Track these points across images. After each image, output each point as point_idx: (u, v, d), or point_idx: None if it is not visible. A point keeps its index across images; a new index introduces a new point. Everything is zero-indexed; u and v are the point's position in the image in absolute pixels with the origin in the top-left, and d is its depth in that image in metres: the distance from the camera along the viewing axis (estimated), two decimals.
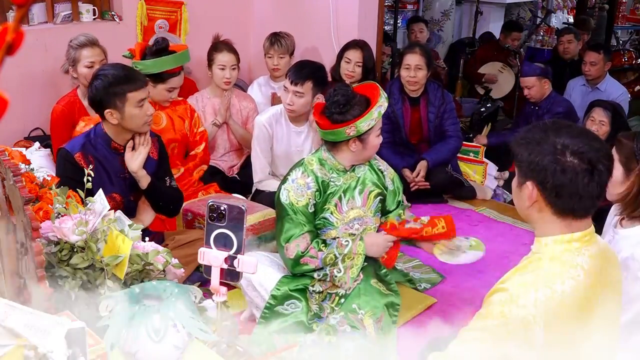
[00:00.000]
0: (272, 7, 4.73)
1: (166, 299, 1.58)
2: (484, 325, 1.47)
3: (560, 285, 1.45)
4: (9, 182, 1.61)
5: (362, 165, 2.74)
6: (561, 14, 8.42)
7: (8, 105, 0.65)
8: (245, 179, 3.82)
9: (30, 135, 3.83)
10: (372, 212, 2.75)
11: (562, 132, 1.49)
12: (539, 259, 1.52)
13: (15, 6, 0.65)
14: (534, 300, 1.42)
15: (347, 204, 2.69)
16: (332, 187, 2.67)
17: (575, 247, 1.50)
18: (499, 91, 5.99)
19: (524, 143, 1.52)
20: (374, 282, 2.66)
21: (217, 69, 3.84)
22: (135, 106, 2.59)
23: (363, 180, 2.72)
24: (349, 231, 2.70)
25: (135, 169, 2.66)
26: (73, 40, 3.45)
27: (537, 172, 1.49)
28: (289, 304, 2.61)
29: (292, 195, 2.62)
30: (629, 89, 5.64)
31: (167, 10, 4.35)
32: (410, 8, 7.08)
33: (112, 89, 2.56)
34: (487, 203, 4.21)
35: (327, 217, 2.68)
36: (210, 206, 1.72)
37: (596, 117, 3.90)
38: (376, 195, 2.74)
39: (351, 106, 2.56)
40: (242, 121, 3.99)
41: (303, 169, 2.66)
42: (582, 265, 1.48)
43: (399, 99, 4.11)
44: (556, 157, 1.46)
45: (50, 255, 1.76)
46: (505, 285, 1.49)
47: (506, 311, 1.44)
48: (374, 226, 2.77)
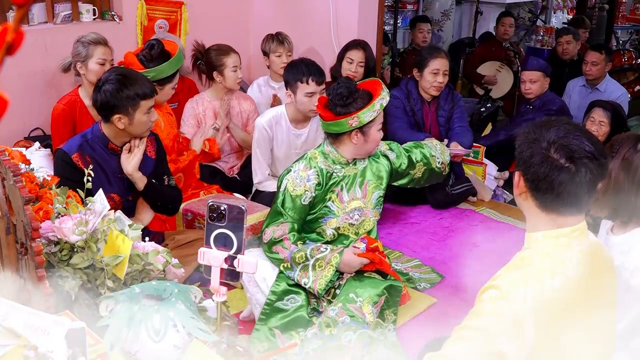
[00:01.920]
0: (272, 7, 4.73)
1: (166, 299, 1.59)
2: (476, 323, 1.48)
3: (550, 280, 1.45)
4: (9, 182, 1.61)
5: (363, 160, 2.78)
6: (561, 14, 8.42)
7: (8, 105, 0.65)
8: (245, 179, 3.82)
9: (30, 135, 3.83)
10: (372, 205, 2.79)
11: (556, 128, 1.50)
12: (529, 256, 1.53)
13: (15, 6, 0.65)
14: (523, 295, 1.43)
15: (348, 194, 2.75)
16: (335, 177, 2.73)
17: (564, 242, 1.51)
18: (499, 91, 5.99)
19: (523, 135, 1.55)
20: (367, 273, 2.67)
21: (230, 71, 3.80)
22: (145, 113, 2.62)
23: (363, 172, 2.78)
24: (348, 221, 2.76)
25: (130, 171, 2.66)
26: (83, 37, 3.44)
27: (522, 162, 1.52)
28: (288, 299, 2.63)
29: (290, 183, 2.68)
30: (629, 89, 5.64)
31: (167, 10, 4.35)
32: (410, 8, 7.08)
33: (126, 94, 2.56)
34: (487, 203, 4.21)
35: (328, 206, 2.74)
36: (210, 206, 1.72)
37: (596, 118, 3.89)
38: (375, 188, 2.79)
39: (354, 99, 2.62)
40: (243, 123, 3.99)
41: (306, 162, 2.72)
42: (571, 260, 1.49)
43: (418, 99, 4.10)
44: (540, 150, 1.48)
45: (50, 255, 1.76)
46: (496, 282, 1.50)
47: (497, 307, 1.45)
48: (374, 219, 2.82)
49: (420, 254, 3.50)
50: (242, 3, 4.76)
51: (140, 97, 2.59)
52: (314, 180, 2.68)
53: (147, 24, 4.26)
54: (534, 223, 1.56)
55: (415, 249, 3.56)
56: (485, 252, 3.42)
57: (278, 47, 4.15)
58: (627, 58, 6.34)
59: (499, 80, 6.01)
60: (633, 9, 7.89)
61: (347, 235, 2.80)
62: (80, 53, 3.42)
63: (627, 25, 7.91)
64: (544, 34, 7.13)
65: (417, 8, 7.13)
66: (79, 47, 3.43)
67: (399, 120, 4.03)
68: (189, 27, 4.43)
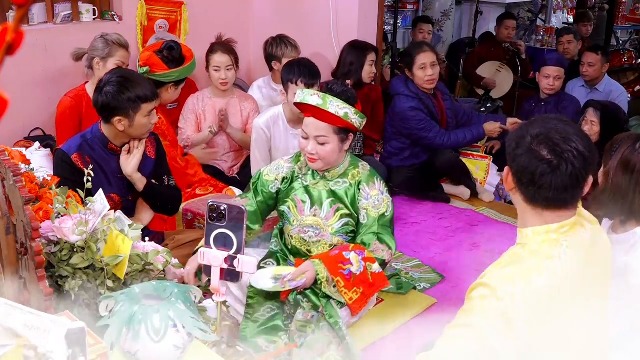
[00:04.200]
0: (272, 8, 4.73)
1: (166, 299, 1.59)
2: (466, 321, 1.48)
3: (538, 277, 1.45)
4: (9, 182, 1.61)
5: (344, 180, 2.64)
6: (561, 14, 8.42)
7: (8, 105, 0.65)
8: (245, 179, 3.81)
9: (30, 135, 3.82)
10: (333, 230, 2.63)
11: (543, 123, 1.51)
12: (519, 252, 1.54)
13: (15, 6, 0.65)
14: (512, 292, 1.43)
15: (310, 209, 2.65)
16: (298, 183, 2.68)
17: (553, 238, 1.51)
18: (499, 91, 5.99)
19: (514, 132, 1.57)
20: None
21: (213, 70, 3.85)
22: (146, 116, 2.61)
23: (334, 193, 2.62)
24: (301, 235, 2.67)
25: (130, 173, 2.66)
26: (108, 35, 3.45)
27: (509, 156, 1.54)
28: (265, 309, 2.55)
29: (267, 168, 2.74)
30: (628, 89, 5.63)
31: (167, 10, 4.35)
32: (410, 8, 7.07)
33: (127, 97, 2.56)
34: (487, 203, 4.21)
35: (283, 211, 2.69)
36: (210, 206, 1.73)
37: (588, 118, 3.91)
38: (342, 216, 2.62)
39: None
40: (243, 122, 3.99)
41: (293, 157, 2.74)
42: (560, 256, 1.48)
43: (425, 95, 4.16)
44: (525, 143, 1.48)
45: (50, 255, 1.76)
46: (484, 279, 1.50)
47: (487, 305, 1.45)
48: (330, 244, 2.64)
49: (420, 254, 3.50)
50: (242, 3, 4.76)
51: (141, 100, 2.58)
52: (283, 173, 2.69)
53: (147, 24, 4.26)
54: (524, 218, 1.57)
55: (415, 249, 3.56)
56: (485, 252, 3.42)
57: (292, 52, 4.14)
58: (627, 58, 6.33)
59: (499, 81, 6.01)
60: (633, 9, 7.89)
61: (299, 249, 2.68)
62: (101, 49, 3.42)
63: (627, 25, 7.90)
64: (544, 34, 7.13)
65: (417, 8, 7.12)
66: (100, 43, 3.43)
67: (426, 122, 4.12)
68: (189, 27, 4.43)
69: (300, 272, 2.45)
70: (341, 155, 2.61)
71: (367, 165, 2.71)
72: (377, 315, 2.73)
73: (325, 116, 2.49)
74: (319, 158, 2.55)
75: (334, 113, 2.47)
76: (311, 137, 2.54)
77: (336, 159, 2.59)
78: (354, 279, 2.46)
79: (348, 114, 2.49)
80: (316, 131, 2.52)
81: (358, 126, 2.55)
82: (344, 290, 2.45)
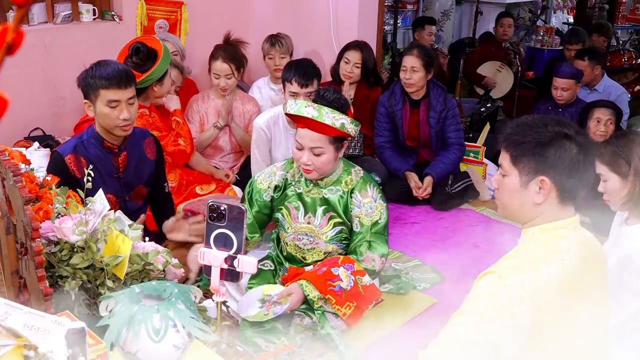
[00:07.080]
0: (272, 8, 4.73)
1: (166, 299, 1.59)
2: (472, 308, 1.49)
3: (547, 268, 1.47)
4: (9, 182, 1.61)
5: (337, 187, 2.64)
6: (561, 14, 8.42)
7: (8, 105, 0.65)
8: (245, 179, 3.81)
9: (30, 135, 3.82)
10: (327, 238, 2.65)
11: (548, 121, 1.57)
12: (526, 246, 1.56)
13: (15, 6, 0.65)
14: (520, 281, 1.45)
15: (304, 216, 2.66)
16: (291, 190, 2.67)
17: (561, 233, 1.54)
18: (499, 91, 5.99)
19: (520, 135, 1.58)
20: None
21: (213, 77, 3.85)
22: (106, 105, 2.49)
23: (332, 204, 2.63)
24: (296, 242, 2.68)
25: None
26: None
27: (545, 160, 1.52)
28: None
29: (260, 176, 2.72)
30: (628, 89, 5.62)
31: (167, 10, 4.36)
32: (410, 8, 7.07)
33: (90, 80, 2.50)
34: (487, 203, 4.20)
35: (278, 217, 2.70)
36: (210, 206, 1.72)
37: (602, 117, 3.86)
38: (336, 224, 2.64)
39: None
40: (245, 124, 3.99)
41: (285, 163, 2.72)
42: (568, 249, 1.51)
43: (400, 99, 4.09)
44: (557, 140, 1.51)
45: (50, 255, 1.76)
46: (493, 268, 1.52)
47: (494, 292, 1.46)
48: (324, 251, 2.67)
49: (420, 254, 3.50)
50: (242, 3, 4.76)
51: (99, 85, 2.47)
52: (275, 182, 2.67)
53: (147, 24, 4.26)
54: (536, 219, 1.58)
55: (415, 249, 3.56)
56: (485, 252, 3.42)
57: (270, 49, 4.19)
58: (627, 58, 6.32)
59: (499, 81, 6.01)
60: (633, 9, 7.89)
61: (294, 256, 2.71)
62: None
63: (627, 25, 7.91)
64: (544, 34, 7.13)
65: (417, 8, 7.12)
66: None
67: (379, 124, 4.12)
68: (189, 27, 4.43)
69: (286, 293, 2.46)
70: (335, 162, 2.61)
71: (360, 171, 2.70)
72: (377, 315, 2.73)
73: (321, 128, 2.47)
74: (314, 169, 2.54)
75: (330, 125, 2.46)
76: (306, 148, 2.51)
77: (331, 168, 2.59)
78: (345, 295, 2.46)
79: (344, 125, 2.48)
80: (311, 142, 2.50)
81: (354, 134, 2.55)
82: (336, 307, 2.45)
